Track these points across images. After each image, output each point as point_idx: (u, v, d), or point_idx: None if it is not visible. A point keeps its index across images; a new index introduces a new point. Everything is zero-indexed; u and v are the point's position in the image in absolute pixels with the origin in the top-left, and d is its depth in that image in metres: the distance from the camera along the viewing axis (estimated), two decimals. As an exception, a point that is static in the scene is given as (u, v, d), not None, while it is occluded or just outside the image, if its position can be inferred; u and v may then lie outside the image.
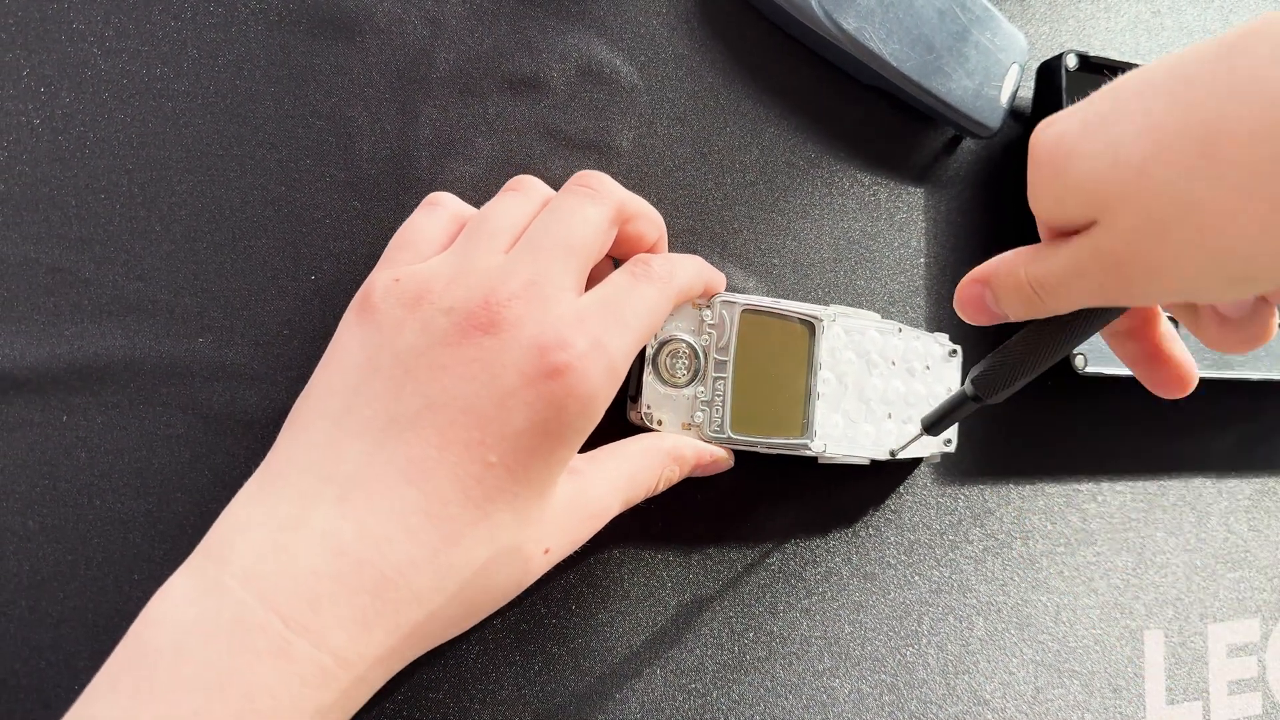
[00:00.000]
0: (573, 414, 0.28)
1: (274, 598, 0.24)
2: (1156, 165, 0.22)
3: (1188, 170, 0.22)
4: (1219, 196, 0.21)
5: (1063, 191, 0.25)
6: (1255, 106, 0.21)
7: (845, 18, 0.38)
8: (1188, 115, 0.22)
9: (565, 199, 0.31)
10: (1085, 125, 0.24)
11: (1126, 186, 0.23)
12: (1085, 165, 0.24)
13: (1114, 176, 0.23)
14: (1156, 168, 0.22)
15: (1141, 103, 0.23)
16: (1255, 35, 0.21)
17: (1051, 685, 0.43)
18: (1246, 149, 0.21)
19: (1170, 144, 0.22)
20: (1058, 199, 0.25)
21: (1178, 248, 0.23)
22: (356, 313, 0.29)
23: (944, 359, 0.39)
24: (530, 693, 0.35)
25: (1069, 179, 0.25)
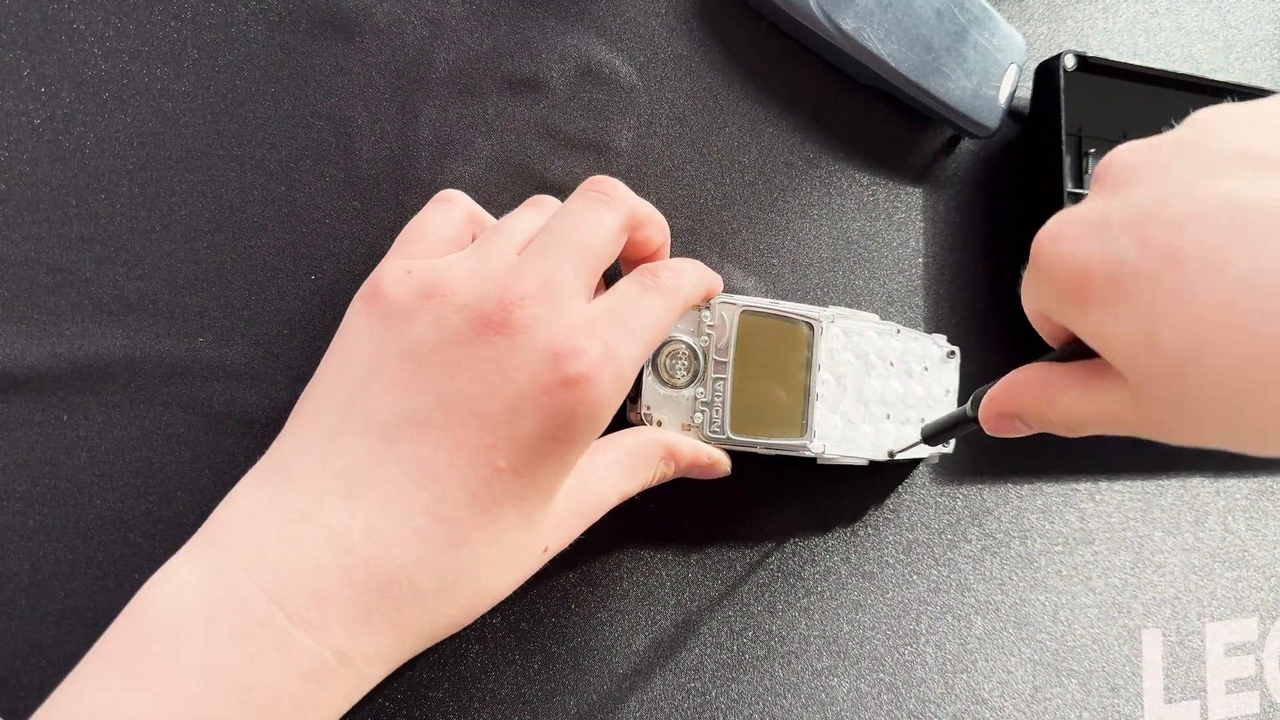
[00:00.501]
0: (582, 422, 0.28)
1: (279, 591, 0.24)
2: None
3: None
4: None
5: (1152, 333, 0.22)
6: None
7: (844, 18, 0.38)
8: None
9: (579, 204, 0.31)
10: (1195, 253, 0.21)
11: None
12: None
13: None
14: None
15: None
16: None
17: (1050, 684, 0.43)
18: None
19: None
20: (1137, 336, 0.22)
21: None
22: (364, 302, 0.29)
23: (942, 360, 0.39)
24: (530, 691, 0.35)
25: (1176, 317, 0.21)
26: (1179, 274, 0.21)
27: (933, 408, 0.39)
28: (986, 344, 0.43)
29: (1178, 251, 0.21)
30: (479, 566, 0.27)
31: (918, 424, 0.38)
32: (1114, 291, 0.22)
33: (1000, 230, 0.44)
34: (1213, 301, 0.20)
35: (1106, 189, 0.24)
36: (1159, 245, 0.21)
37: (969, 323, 0.43)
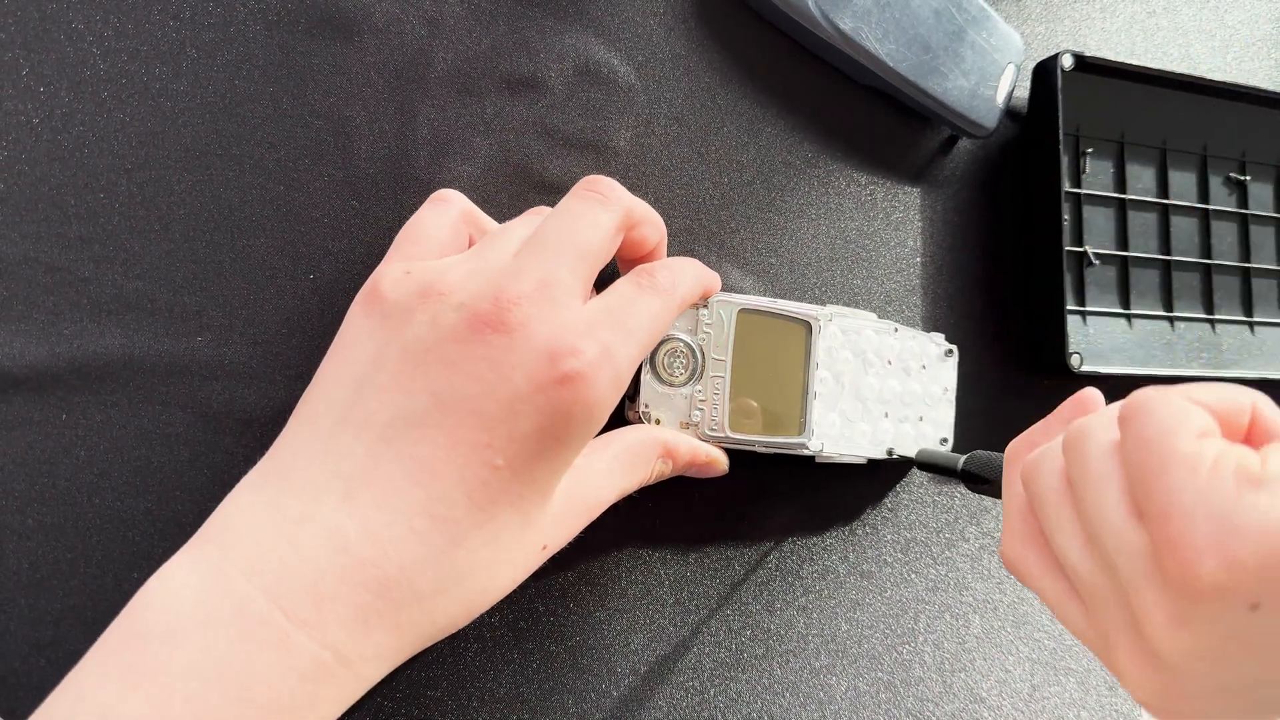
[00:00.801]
0: (579, 421, 0.28)
1: (277, 591, 0.24)
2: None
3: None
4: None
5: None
6: None
7: (842, 18, 0.38)
8: None
9: (574, 203, 0.31)
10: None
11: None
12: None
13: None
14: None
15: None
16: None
17: (1048, 683, 0.43)
18: None
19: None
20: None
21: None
22: (364, 303, 0.30)
23: (940, 358, 0.39)
24: (528, 691, 0.35)
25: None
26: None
27: (931, 406, 0.39)
28: (984, 343, 0.43)
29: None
30: (477, 565, 0.27)
31: (916, 422, 0.39)
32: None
33: (998, 230, 0.44)
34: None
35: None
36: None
37: (966, 322, 0.43)
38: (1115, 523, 0.22)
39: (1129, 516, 0.22)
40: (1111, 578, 0.22)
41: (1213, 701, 0.21)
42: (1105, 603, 0.23)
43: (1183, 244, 0.46)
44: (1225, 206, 0.47)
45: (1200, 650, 0.20)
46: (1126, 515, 0.22)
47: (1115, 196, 0.45)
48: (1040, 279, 0.43)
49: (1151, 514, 0.21)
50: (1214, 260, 0.47)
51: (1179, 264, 0.46)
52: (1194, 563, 0.19)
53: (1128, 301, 0.45)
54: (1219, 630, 0.20)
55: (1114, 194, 0.45)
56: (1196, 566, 0.19)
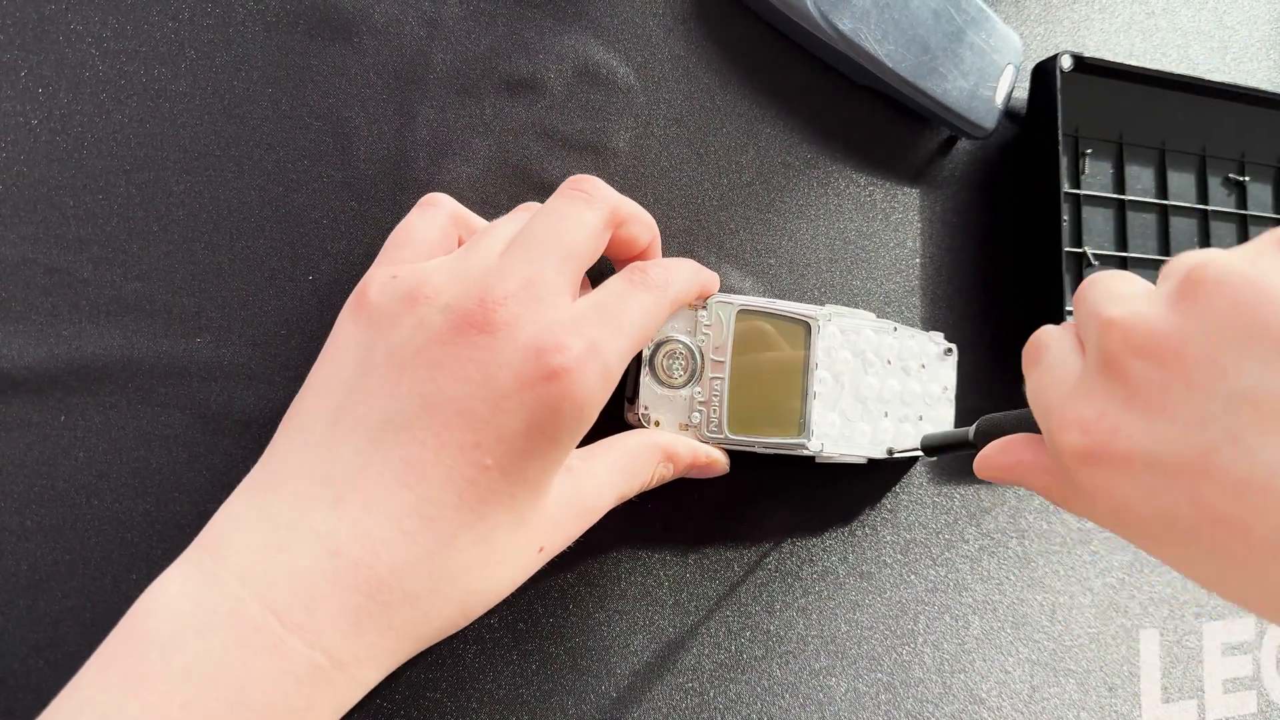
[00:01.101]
0: (567, 417, 0.28)
1: (270, 596, 0.24)
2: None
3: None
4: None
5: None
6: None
7: (841, 19, 0.39)
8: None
9: (559, 202, 0.31)
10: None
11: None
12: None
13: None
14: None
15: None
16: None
17: (1047, 684, 0.43)
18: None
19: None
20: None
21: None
22: (352, 310, 0.30)
23: (939, 357, 0.39)
24: (527, 692, 0.35)
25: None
26: (1244, 547, 0.21)
27: (930, 405, 0.39)
28: (983, 344, 0.43)
29: (1241, 524, 0.21)
30: (469, 566, 0.27)
31: (916, 421, 0.39)
32: (1165, 533, 0.23)
33: (997, 231, 0.44)
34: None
35: (1126, 373, 0.24)
36: (1219, 512, 0.21)
37: (965, 323, 0.43)
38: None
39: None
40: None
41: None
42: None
43: (1182, 245, 0.46)
44: (1224, 207, 0.47)
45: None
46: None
47: (1114, 197, 0.45)
48: (1039, 280, 0.43)
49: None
50: (1213, 261, 0.47)
51: (1178, 265, 0.46)
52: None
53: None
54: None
55: (1113, 195, 0.45)
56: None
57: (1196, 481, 0.22)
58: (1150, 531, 0.23)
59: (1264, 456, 0.21)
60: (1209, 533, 0.22)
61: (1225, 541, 0.21)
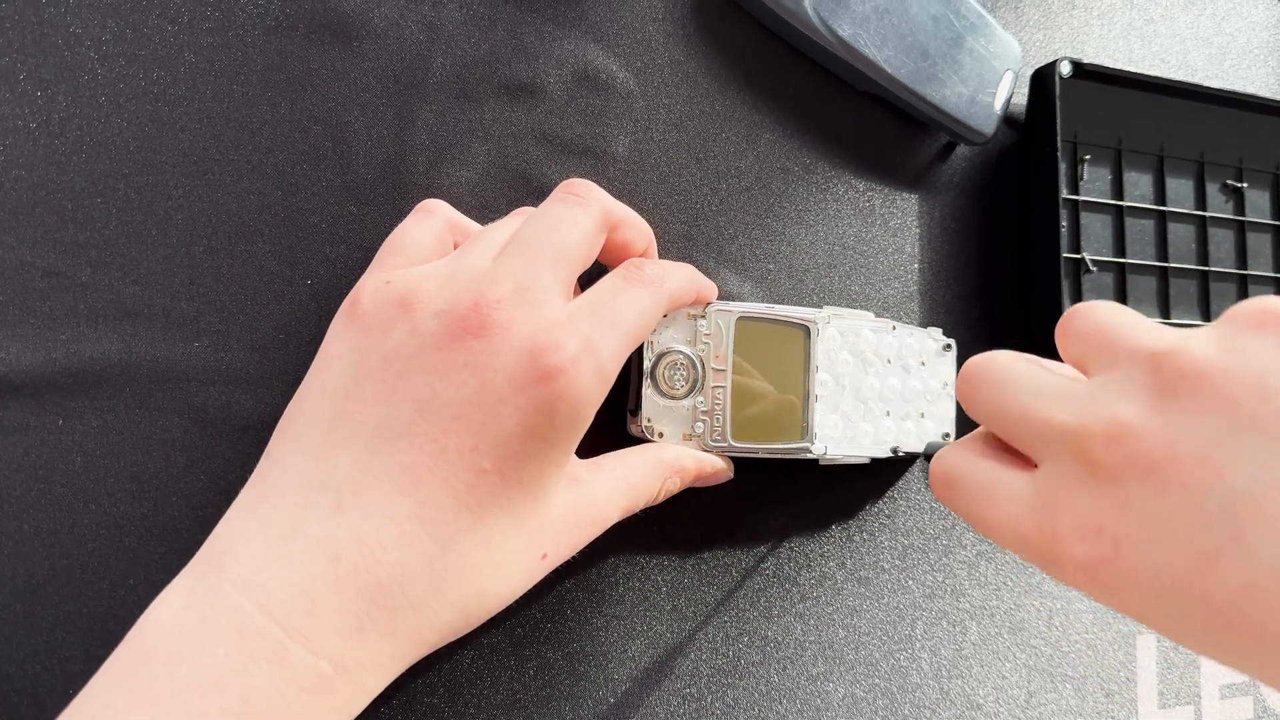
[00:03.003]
0: (563, 418, 0.28)
1: (272, 605, 0.24)
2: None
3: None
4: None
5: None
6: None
7: (840, 24, 0.39)
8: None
9: (552, 206, 0.31)
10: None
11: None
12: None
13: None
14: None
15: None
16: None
17: (1044, 690, 0.43)
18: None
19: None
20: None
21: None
22: (346, 316, 0.30)
23: (938, 353, 0.39)
24: (525, 697, 0.35)
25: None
26: (1257, 644, 0.21)
27: (932, 401, 0.39)
28: (983, 339, 0.43)
29: (1255, 625, 0.21)
30: (470, 570, 0.27)
31: (918, 419, 0.39)
32: (1177, 628, 0.23)
33: (996, 237, 0.44)
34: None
35: (1117, 481, 0.23)
36: (1230, 615, 0.21)
37: (964, 328, 0.43)
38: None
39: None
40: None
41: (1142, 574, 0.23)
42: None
43: (1180, 251, 0.46)
44: (1222, 214, 0.48)
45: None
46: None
47: (1113, 203, 0.45)
48: (1038, 285, 0.43)
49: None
50: (1211, 267, 0.47)
51: (1176, 271, 0.46)
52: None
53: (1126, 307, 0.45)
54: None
55: (1111, 201, 0.45)
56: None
57: (1205, 586, 0.21)
58: (1165, 627, 0.23)
59: (1268, 557, 0.20)
60: (1221, 634, 0.22)
61: (1239, 640, 0.21)
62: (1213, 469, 0.21)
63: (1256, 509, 0.21)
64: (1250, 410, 0.21)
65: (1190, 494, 0.22)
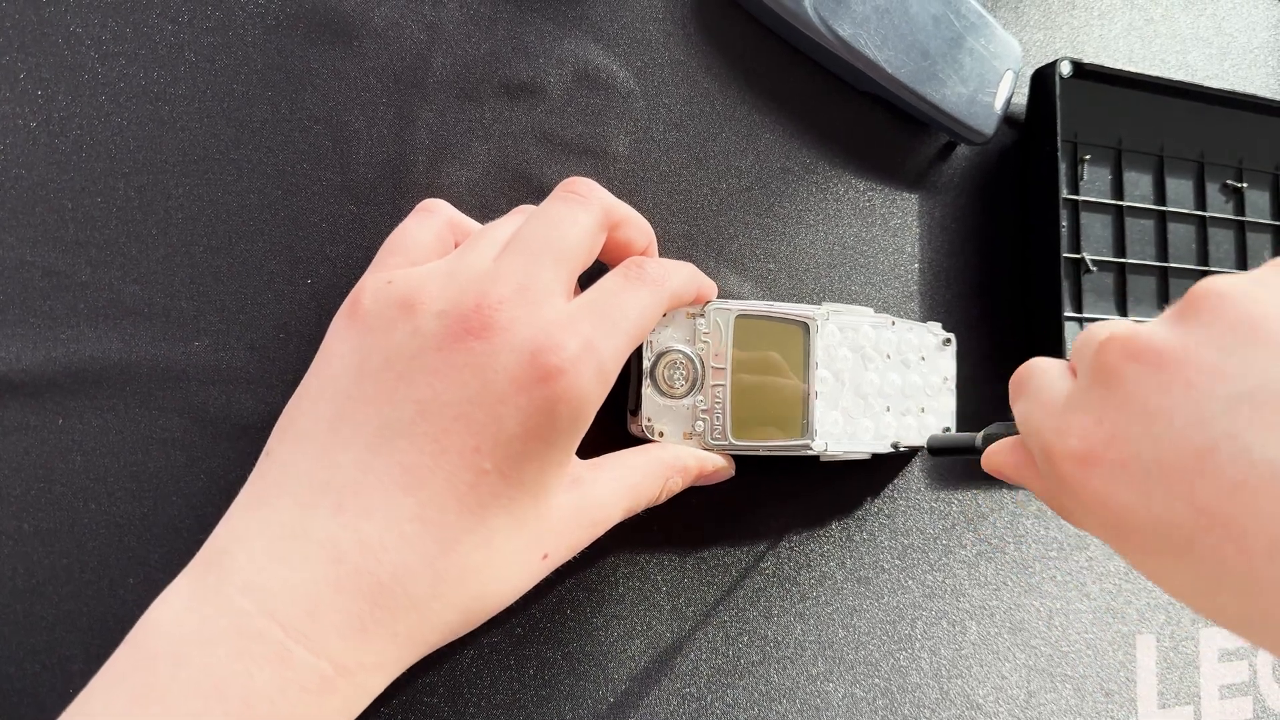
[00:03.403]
0: (564, 418, 0.28)
1: (273, 606, 0.24)
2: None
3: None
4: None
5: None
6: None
7: (840, 24, 0.39)
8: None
9: (553, 205, 0.31)
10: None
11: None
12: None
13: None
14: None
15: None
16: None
17: (1044, 689, 0.43)
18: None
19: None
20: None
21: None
22: (346, 316, 0.29)
23: (938, 348, 0.39)
24: (525, 697, 0.35)
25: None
26: (1238, 552, 0.21)
27: (932, 396, 0.39)
28: (982, 351, 0.43)
29: (1238, 527, 0.21)
30: (471, 570, 0.27)
31: (918, 414, 0.39)
32: (1161, 544, 0.23)
33: (996, 236, 0.44)
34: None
35: (1123, 379, 0.24)
36: (1215, 514, 0.21)
37: (965, 328, 0.43)
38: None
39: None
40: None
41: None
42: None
43: (1180, 251, 0.46)
44: (1222, 214, 0.48)
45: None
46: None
47: (1113, 203, 0.45)
48: (1038, 285, 0.43)
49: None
50: (1211, 267, 0.47)
51: (1176, 271, 0.46)
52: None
53: (1125, 308, 0.45)
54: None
55: (1111, 201, 0.45)
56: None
57: (1193, 482, 0.21)
58: (1145, 542, 0.23)
59: (1262, 455, 0.20)
60: (1204, 541, 0.21)
61: (1220, 549, 0.21)
62: (1219, 371, 0.22)
63: (1258, 410, 0.21)
64: (1269, 330, 0.22)
65: (1193, 392, 0.22)
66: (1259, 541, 0.20)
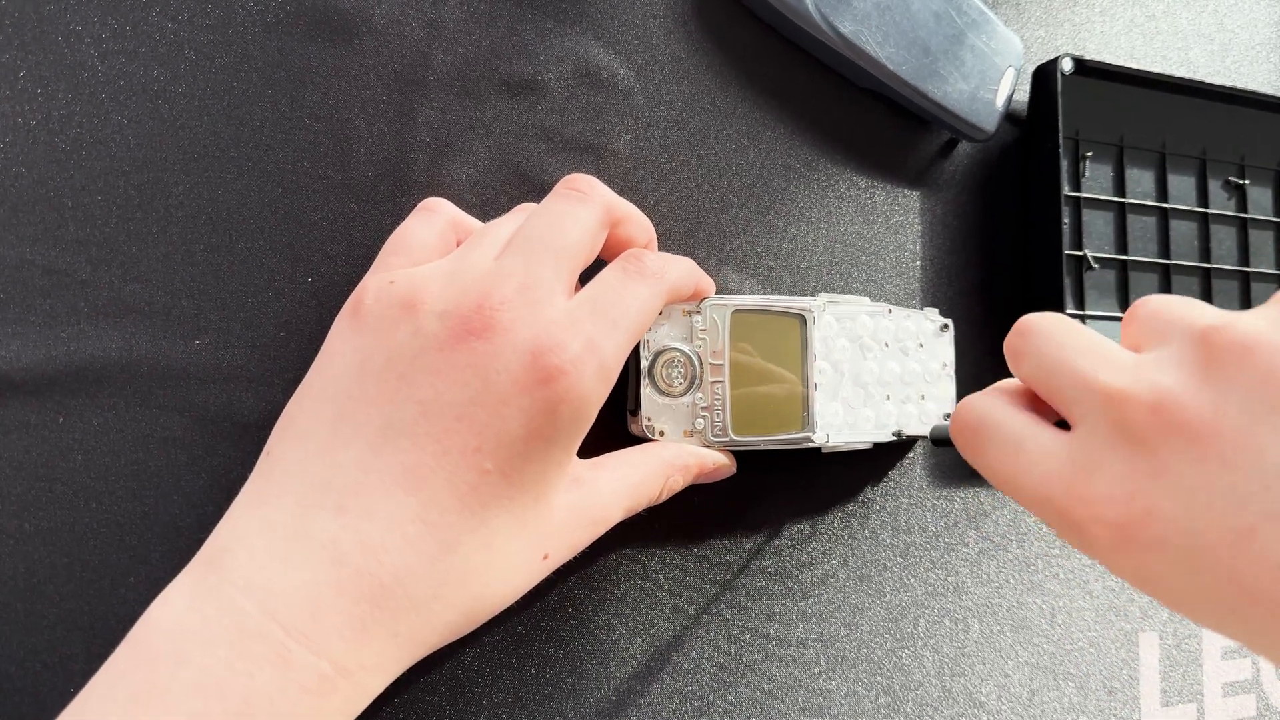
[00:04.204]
0: (566, 418, 0.28)
1: (274, 606, 0.24)
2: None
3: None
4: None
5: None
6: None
7: (841, 21, 0.38)
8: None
9: (554, 202, 0.31)
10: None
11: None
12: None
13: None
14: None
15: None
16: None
17: (1047, 688, 0.43)
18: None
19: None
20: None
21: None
22: (349, 317, 0.29)
23: (936, 334, 0.39)
24: (527, 696, 0.35)
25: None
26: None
27: (931, 383, 0.39)
28: (983, 347, 0.43)
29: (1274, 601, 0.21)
30: (472, 571, 0.27)
31: (918, 401, 0.38)
32: (1201, 607, 0.23)
33: (998, 233, 0.44)
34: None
35: (1154, 449, 0.23)
36: (1259, 592, 0.21)
37: (966, 325, 0.43)
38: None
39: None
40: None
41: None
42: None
43: (1182, 248, 0.46)
44: (1224, 210, 0.47)
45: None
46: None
47: (1115, 200, 0.45)
48: (1040, 283, 0.43)
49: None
50: (1213, 264, 0.47)
51: (1178, 268, 0.46)
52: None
53: (1127, 305, 0.45)
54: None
55: (1113, 198, 0.45)
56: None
57: (1237, 563, 0.21)
58: (1184, 603, 0.23)
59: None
60: (1249, 612, 0.21)
61: (1266, 620, 0.21)
62: (1255, 443, 0.21)
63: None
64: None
65: (1229, 467, 0.21)
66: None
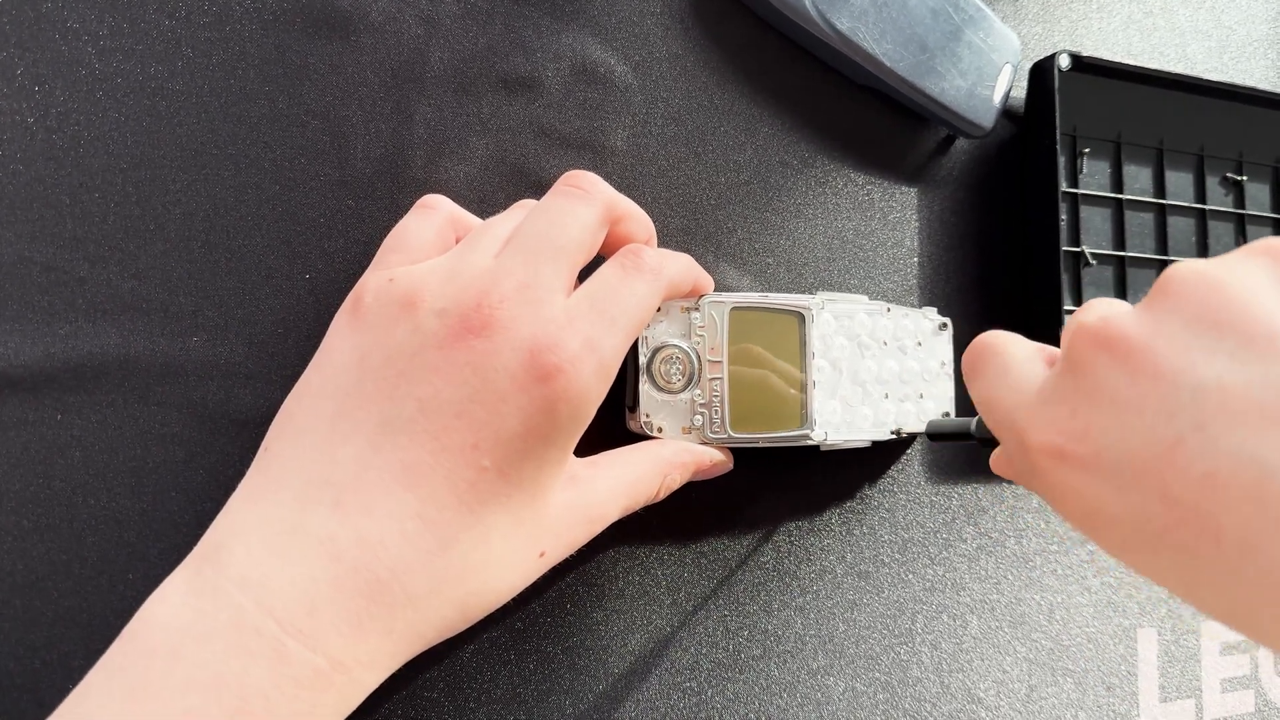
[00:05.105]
0: (564, 417, 0.28)
1: (270, 601, 0.24)
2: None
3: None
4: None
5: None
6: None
7: (839, 17, 0.38)
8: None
9: (555, 200, 0.31)
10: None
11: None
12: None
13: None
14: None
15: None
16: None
17: (1045, 683, 0.43)
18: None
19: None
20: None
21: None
22: (348, 314, 0.29)
23: (934, 332, 0.39)
24: (525, 691, 0.35)
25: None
26: (1214, 547, 0.20)
27: (930, 381, 0.39)
28: (981, 317, 0.43)
29: (1211, 521, 0.20)
30: (469, 568, 0.27)
31: (917, 400, 0.38)
32: (1137, 537, 0.22)
33: (995, 230, 0.44)
34: (1259, 583, 0.20)
35: (1093, 370, 0.23)
36: (1187, 508, 0.21)
37: (963, 321, 0.43)
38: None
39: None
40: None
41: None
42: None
43: (1180, 244, 0.46)
44: (1222, 207, 0.47)
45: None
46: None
47: (1112, 196, 0.45)
48: (1038, 279, 0.43)
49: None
50: (1211, 260, 0.47)
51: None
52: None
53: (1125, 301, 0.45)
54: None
55: (1111, 194, 0.45)
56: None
57: (1165, 476, 0.21)
58: (1122, 536, 0.23)
59: (1229, 446, 0.20)
60: (1179, 534, 0.21)
61: (1195, 542, 0.21)
62: (1186, 359, 0.21)
63: (1224, 400, 0.20)
64: (1232, 314, 0.21)
65: (1160, 383, 0.22)
66: (1230, 533, 0.20)
